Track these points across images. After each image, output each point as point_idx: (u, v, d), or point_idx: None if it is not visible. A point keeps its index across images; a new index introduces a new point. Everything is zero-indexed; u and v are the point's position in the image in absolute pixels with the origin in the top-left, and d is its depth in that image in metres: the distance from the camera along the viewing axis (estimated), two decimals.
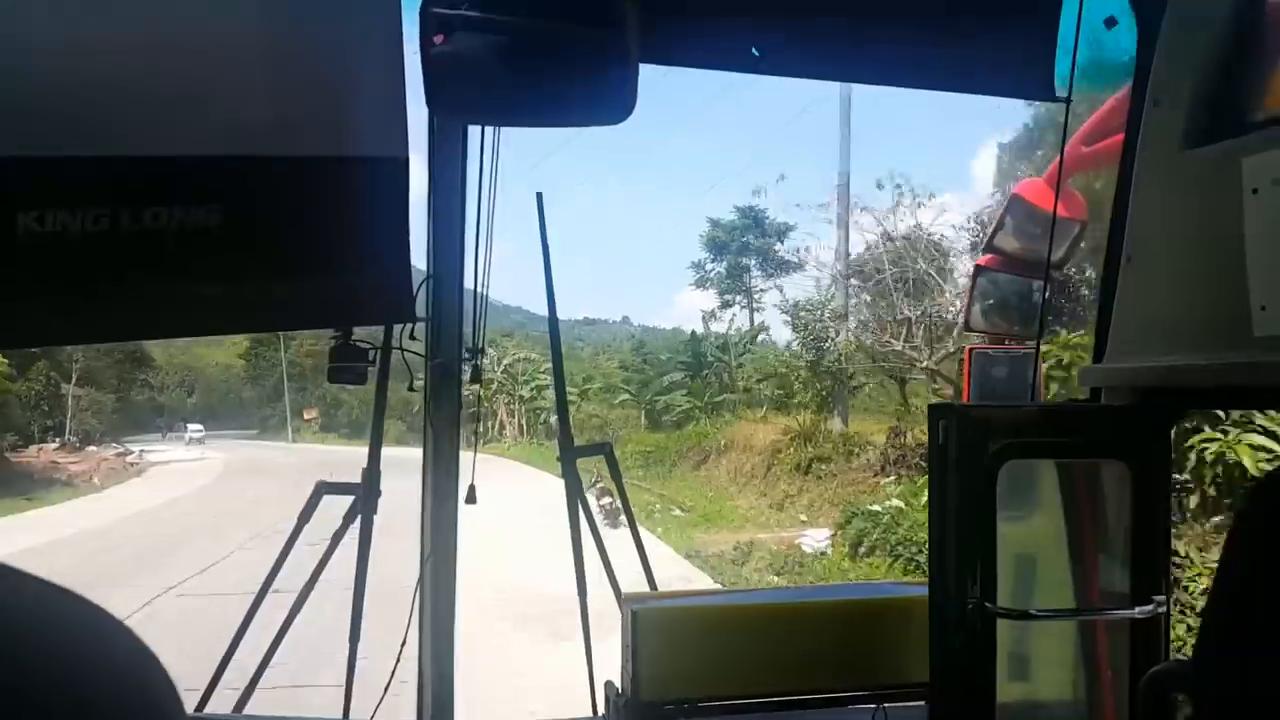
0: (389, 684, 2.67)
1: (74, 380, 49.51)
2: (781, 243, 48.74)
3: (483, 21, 1.60)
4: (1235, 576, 1.17)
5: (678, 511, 23.89)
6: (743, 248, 49.42)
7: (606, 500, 18.90)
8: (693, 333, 43.00)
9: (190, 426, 62.72)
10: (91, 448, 45.58)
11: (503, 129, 2.44)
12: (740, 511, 24.01)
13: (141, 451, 47.42)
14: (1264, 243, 1.73)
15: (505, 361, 44.31)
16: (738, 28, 2.17)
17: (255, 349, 71.33)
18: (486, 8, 1.61)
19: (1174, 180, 2.00)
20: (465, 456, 2.68)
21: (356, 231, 1.84)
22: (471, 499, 2.84)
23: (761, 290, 49.46)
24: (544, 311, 2.89)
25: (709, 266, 51.39)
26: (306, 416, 66.48)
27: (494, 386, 44.11)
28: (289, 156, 1.74)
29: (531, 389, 46.05)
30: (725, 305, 49.40)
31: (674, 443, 33.64)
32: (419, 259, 2.42)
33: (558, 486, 2.86)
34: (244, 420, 73.29)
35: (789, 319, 28.58)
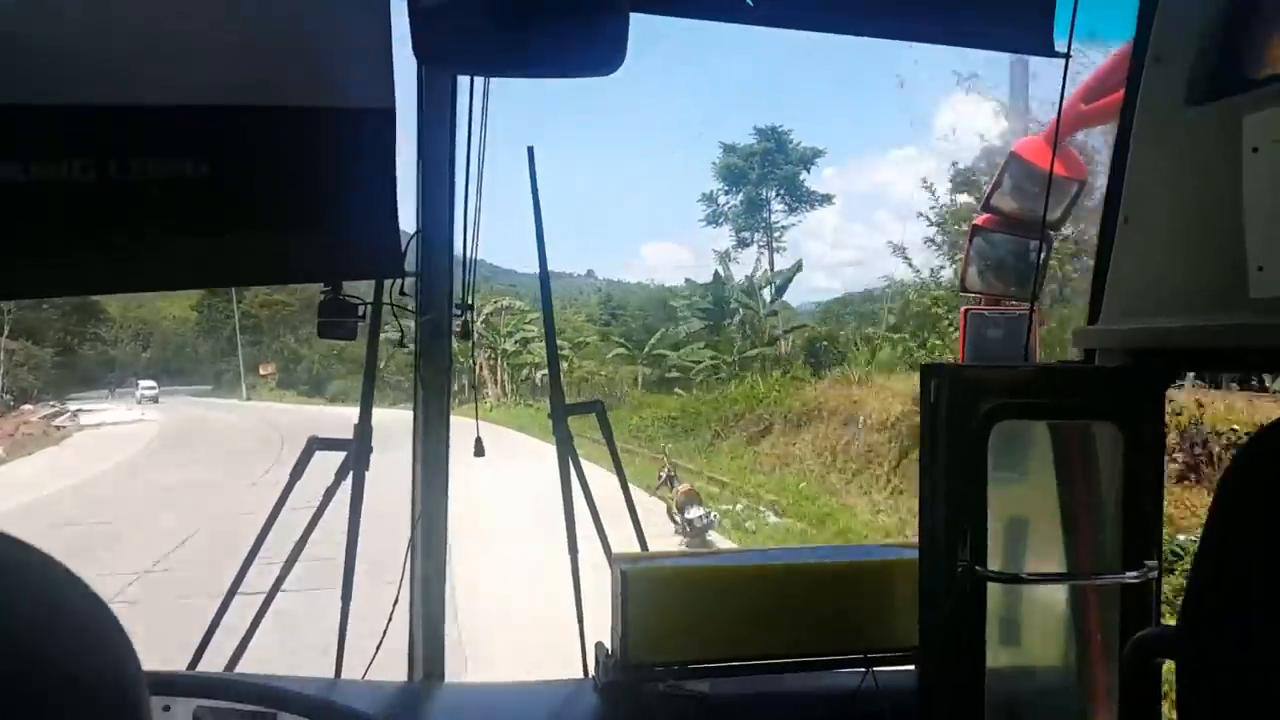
0: (381, 641, 2.67)
1: (5, 333, 45.84)
2: (808, 171, 42.68)
3: None
4: (1218, 541, 1.17)
5: (773, 517, 17.13)
6: (763, 177, 42.23)
7: (697, 513, 14.36)
8: (715, 274, 36.91)
9: (142, 383, 58.99)
10: (27, 406, 42.05)
11: (494, 82, 2.39)
12: (864, 518, 16.60)
13: (77, 412, 43.12)
14: (1263, 202, 1.72)
15: (486, 311, 39.31)
16: None
17: (208, 300, 68.60)
18: None
19: (1173, 139, 1.97)
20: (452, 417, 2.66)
21: (343, 184, 1.81)
22: (479, 451, 2.88)
23: (783, 227, 42.71)
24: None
25: (722, 200, 43.39)
26: (263, 372, 62.33)
27: (472, 339, 39.23)
28: (274, 107, 1.70)
29: (516, 342, 40.86)
30: (742, 244, 42.42)
31: (708, 408, 27.18)
32: (409, 214, 2.38)
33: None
34: (199, 375, 70.08)
35: (941, 236, 19.17)
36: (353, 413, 2.67)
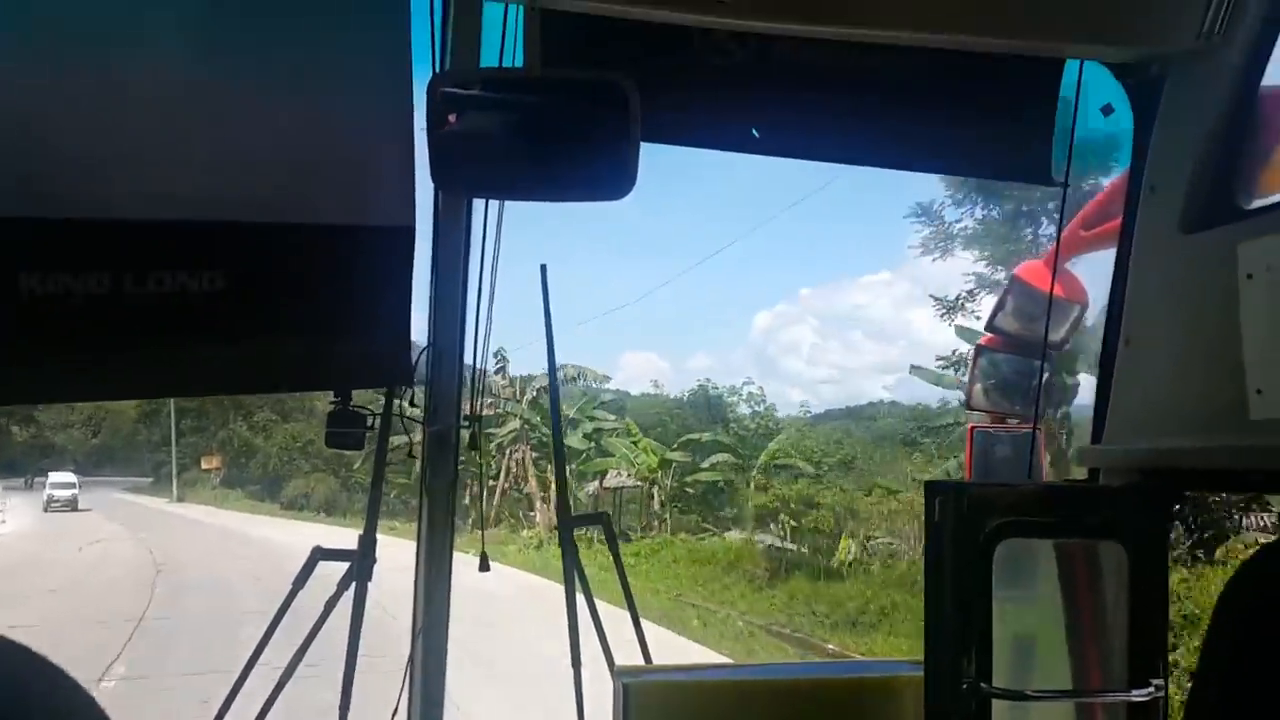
0: None
1: None
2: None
3: (489, 101, 1.64)
4: (1221, 658, 1.17)
5: None
6: None
7: None
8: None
9: (54, 478, 42.89)
10: None
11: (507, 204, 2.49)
12: None
13: None
14: (1260, 328, 1.75)
15: (534, 387, 28.15)
16: (738, 109, 2.22)
17: None
18: (494, 88, 1.65)
19: (1171, 264, 2.02)
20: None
21: (359, 297, 1.86)
22: (485, 566, 2.86)
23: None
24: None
25: (951, 215, 23.66)
26: (205, 466, 48.46)
27: (503, 436, 27.66)
28: (295, 224, 1.77)
29: (586, 436, 28.62)
30: (983, 285, 23.01)
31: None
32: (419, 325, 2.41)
33: None
34: (142, 466, 58.21)
35: None
36: (312, 532, 2.60)
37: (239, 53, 1.73)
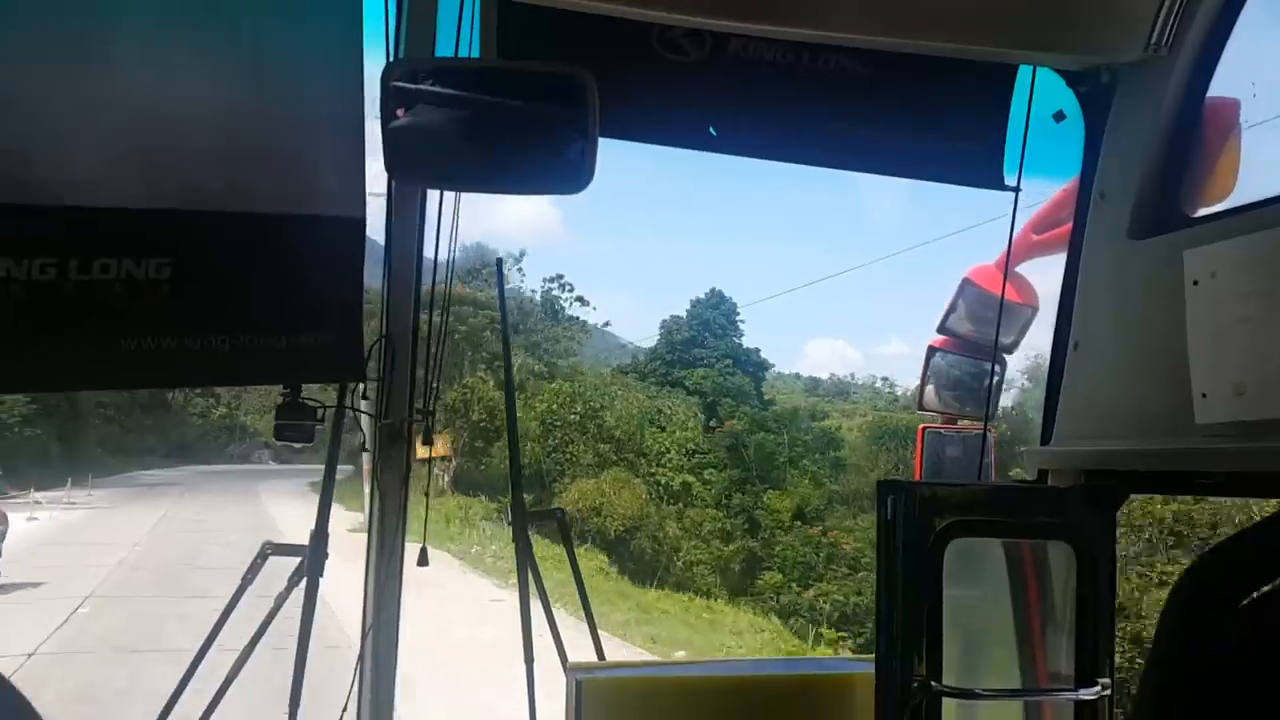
0: None
1: None
2: None
3: (444, 96, 1.62)
4: (1164, 664, 1.19)
5: None
6: None
7: None
8: None
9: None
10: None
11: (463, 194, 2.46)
12: None
13: None
14: (1204, 333, 1.78)
15: None
16: (695, 108, 2.22)
17: None
18: (449, 79, 1.63)
19: (1119, 270, 2.06)
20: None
21: (309, 289, 1.85)
22: (424, 561, 2.81)
23: None
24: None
25: None
26: (422, 455, 6.56)
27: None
28: (243, 213, 1.75)
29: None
30: None
31: None
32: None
33: None
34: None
35: None
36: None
37: (188, 39, 1.71)
